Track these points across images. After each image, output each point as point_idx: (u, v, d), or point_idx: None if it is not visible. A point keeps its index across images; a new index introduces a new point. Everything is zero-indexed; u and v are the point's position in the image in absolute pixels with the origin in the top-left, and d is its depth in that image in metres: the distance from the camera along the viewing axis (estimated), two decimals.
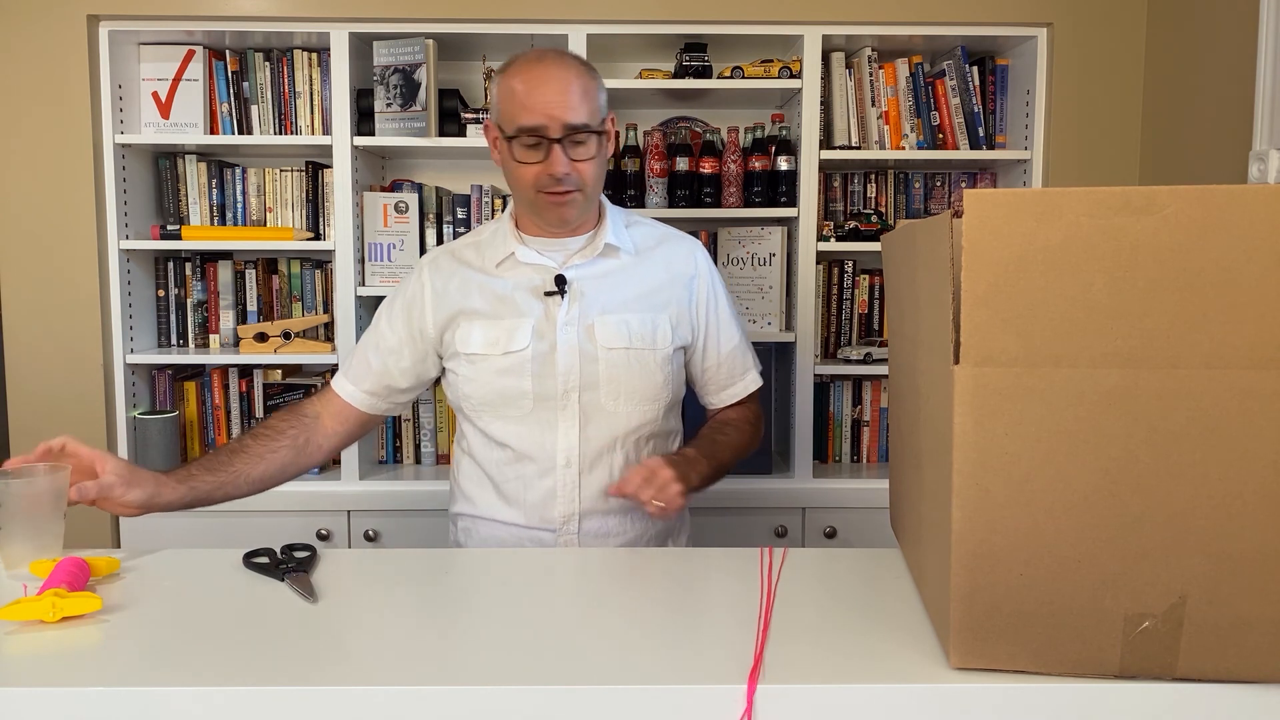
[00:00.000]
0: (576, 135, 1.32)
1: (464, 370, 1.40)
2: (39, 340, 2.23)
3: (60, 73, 2.18)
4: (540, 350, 1.38)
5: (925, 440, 0.94)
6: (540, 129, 1.31)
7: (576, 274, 1.41)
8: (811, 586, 1.07)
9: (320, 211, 2.40)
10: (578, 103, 1.32)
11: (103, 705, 0.82)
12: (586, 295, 1.40)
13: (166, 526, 2.26)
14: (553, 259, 1.41)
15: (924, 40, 2.33)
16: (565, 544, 1.39)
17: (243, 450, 1.39)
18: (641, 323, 1.41)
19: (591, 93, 1.35)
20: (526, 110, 1.31)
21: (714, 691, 0.83)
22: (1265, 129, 1.77)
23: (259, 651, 0.90)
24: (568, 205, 1.36)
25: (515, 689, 0.83)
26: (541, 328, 1.38)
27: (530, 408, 1.38)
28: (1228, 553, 0.80)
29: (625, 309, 1.41)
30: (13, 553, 1.11)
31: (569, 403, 1.38)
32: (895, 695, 0.83)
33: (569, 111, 1.31)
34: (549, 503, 1.38)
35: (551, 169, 1.32)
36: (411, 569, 1.15)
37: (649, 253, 1.46)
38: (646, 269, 1.45)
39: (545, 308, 1.39)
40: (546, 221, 1.40)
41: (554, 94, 1.31)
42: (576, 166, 1.34)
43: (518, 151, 1.34)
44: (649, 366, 1.40)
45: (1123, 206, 0.77)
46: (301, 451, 1.41)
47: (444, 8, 2.19)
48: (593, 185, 1.38)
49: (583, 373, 1.38)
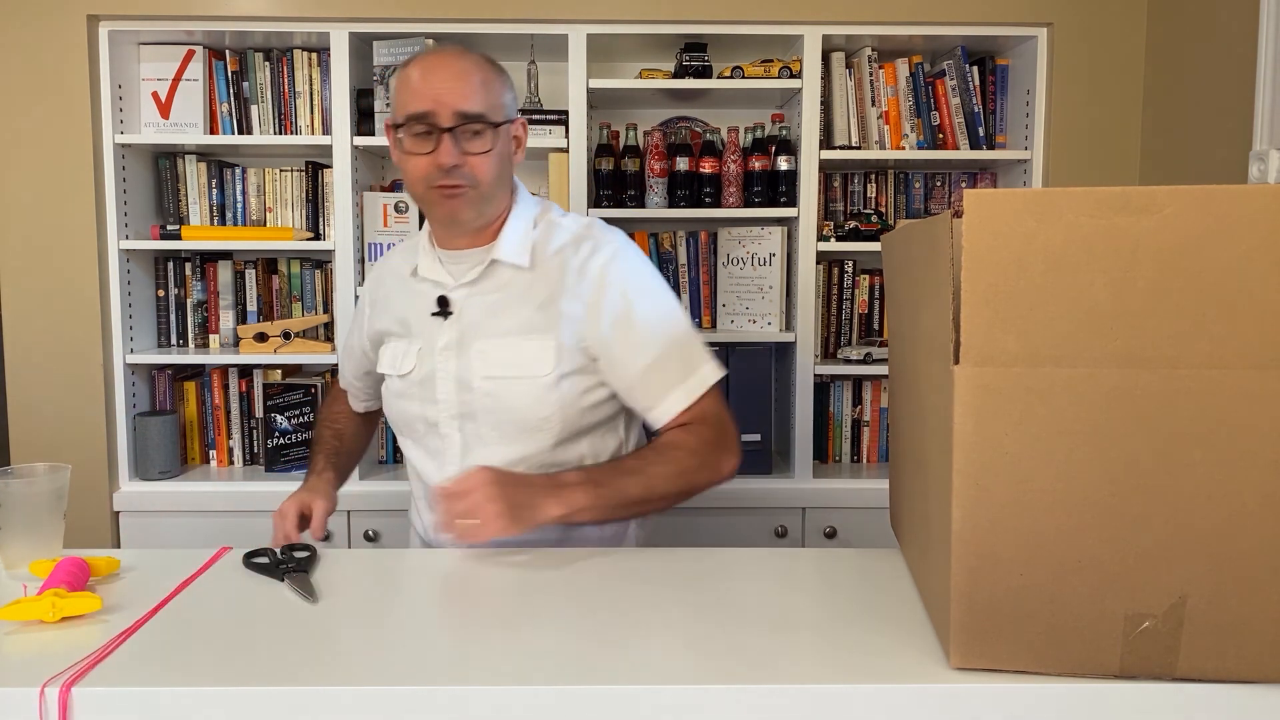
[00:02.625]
0: (470, 125, 1.23)
1: (384, 390, 1.43)
2: (39, 340, 2.23)
3: (60, 73, 2.18)
4: (424, 374, 1.32)
5: (926, 440, 0.94)
6: (429, 115, 1.22)
7: (463, 294, 1.31)
8: (811, 586, 1.07)
9: (320, 211, 2.40)
10: (473, 92, 1.23)
11: (103, 705, 0.82)
12: (466, 318, 1.30)
13: (167, 526, 2.26)
14: (452, 273, 1.33)
15: (924, 40, 2.33)
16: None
17: (336, 437, 1.60)
18: (521, 349, 1.28)
19: (493, 86, 1.26)
20: (417, 97, 1.23)
21: (713, 691, 0.83)
22: (1265, 129, 1.77)
23: (259, 651, 0.90)
24: (458, 199, 1.25)
25: (515, 689, 0.83)
26: (425, 351, 1.33)
27: (424, 432, 1.35)
28: (1228, 553, 0.80)
29: (507, 333, 1.29)
30: (13, 553, 1.11)
31: (450, 431, 1.32)
32: (895, 695, 0.83)
33: (462, 99, 1.22)
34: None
35: (440, 159, 1.22)
36: (411, 569, 1.15)
37: (545, 263, 1.31)
38: (539, 283, 1.30)
39: (431, 329, 1.32)
40: (436, 220, 1.30)
41: (447, 80, 1.23)
42: (469, 160, 1.23)
43: (407, 142, 1.24)
44: (531, 395, 1.27)
45: (1123, 207, 0.77)
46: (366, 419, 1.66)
47: (444, 8, 2.19)
48: (489, 184, 1.26)
49: (459, 401, 1.30)
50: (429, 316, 1.33)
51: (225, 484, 2.30)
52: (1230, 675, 0.82)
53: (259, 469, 2.41)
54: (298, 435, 2.35)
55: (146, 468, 2.30)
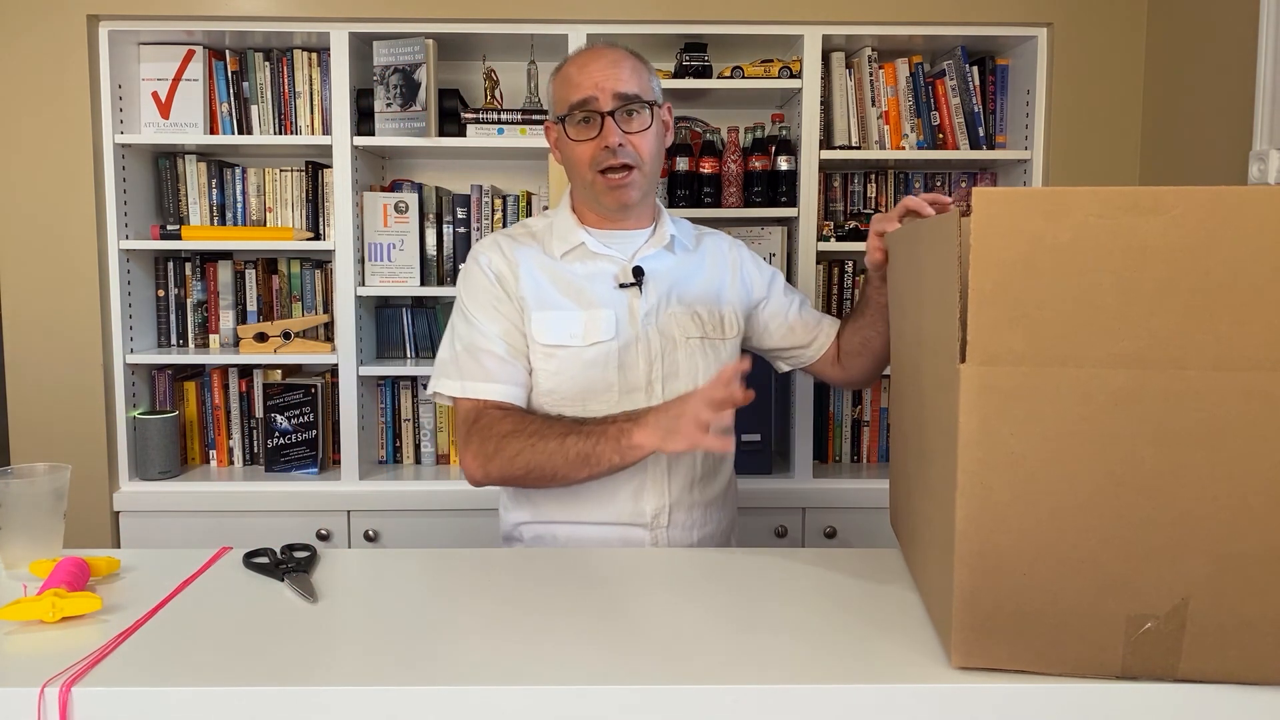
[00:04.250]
0: (628, 106, 1.35)
1: (546, 365, 1.38)
2: (39, 340, 2.23)
3: (60, 73, 2.18)
4: (624, 341, 1.38)
5: (929, 439, 0.94)
6: (590, 101, 1.34)
7: (648, 266, 1.42)
8: (811, 586, 1.07)
9: (320, 211, 2.40)
10: (628, 76, 1.36)
11: (103, 705, 0.82)
12: (660, 286, 1.42)
13: (167, 526, 2.26)
14: (619, 251, 1.43)
15: (924, 40, 2.33)
16: (657, 540, 1.38)
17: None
18: (710, 313, 1.45)
19: (642, 73, 1.39)
20: (577, 87, 1.35)
21: (714, 691, 0.83)
22: (1265, 129, 1.77)
23: (259, 651, 0.90)
24: (628, 188, 1.37)
25: (515, 689, 0.83)
26: (623, 318, 1.39)
27: (616, 400, 1.38)
28: (1231, 554, 0.79)
29: (695, 300, 1.44)
30: (13, 553, 1.11)
31: (653, 393, 1.38)
32: (895, 695, 0.83)
33: (619, 83, 1.34)
34: (639, 496, 1.37)
35: (606, 140, 1.34)
36: (411, 569, 1.15)
37: (698, 247, 1.51)
38: (700, 262, 1.49)
39: (624, 299, 1.40)
40: (606, 207, 1.41)
41: (603, 68, 1.35)
42: (630, 139, 1.35)
43: (572, 131, 1.37)
44: (722, 355, 1.44)
45: (1131, 207, 0.77)
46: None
47: (444, 8, 2.19)
48: (650, 163, 1.39)
49: (665, 362, 1.40)
50: (616, 289, 1.41)
51: (225, 484, 2.30)
52: (1232, 676, 0.82)
53: (259, 469, 2.41)
54: (298, 435, 2.35)
55: (146, 468, 2.30)
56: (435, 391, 1.41)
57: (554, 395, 1.39)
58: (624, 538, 1.38)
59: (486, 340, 1.38)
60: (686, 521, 1.40)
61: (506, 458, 1.30)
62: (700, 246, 1.52)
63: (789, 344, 1.56)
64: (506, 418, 1.34)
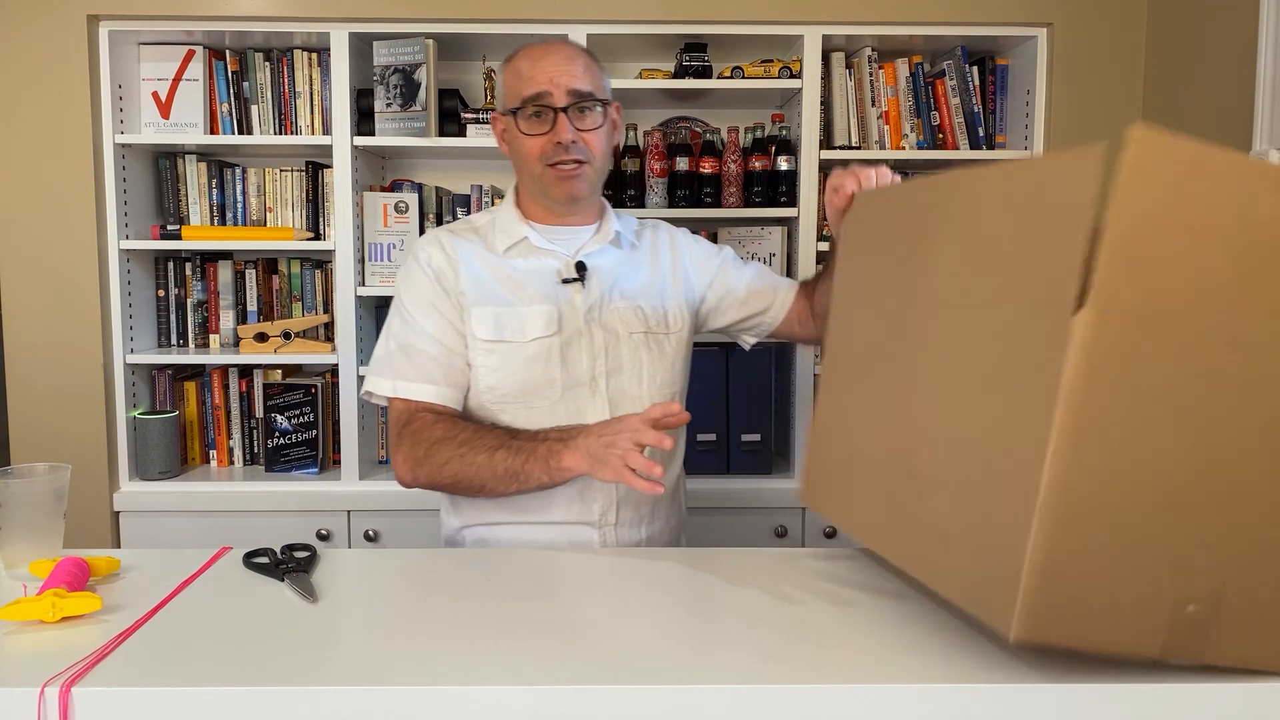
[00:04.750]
0: (581, 103, 1.34)
1: (486, 360, 1.36)
2: (39, 340, 2.23)
3: (60, 73, 2.18)
4: (567, 336, 1.37)
5: (982, 402, 0.87)
6: (544, 95, 1.33)
7: (591, 262, 1.41)
8: (811, 586, 1.07)
9: (320, 211, 2.40)
10: (582, 72, 1.35)
11: (103, 705, 0.82)
12: (603, 282, 1.41)
13: (167, 526, 2.26)
14: (563, 247, 1.42)
15: (924, 40, 2.33)
16: (605, 538, 1.37)
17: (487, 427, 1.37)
18: (654, 308, 1.43)
19: (595, 70, 1.38)
20: (530, 81, 1.34)
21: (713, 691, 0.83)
22: (1265, 129, 1.77)
23: (259, 651, 0.90)
24: (577, 180, 1.36)
25: (516, 689, 0.83)
26: (565, 314, 1.38)
27: (559, 395, 1.36)
28: (1270, 543, 0.79)
29: (638, 296, 1.43)
30: (13, 553, 1.11)
31: (597, 389, 1.37)
32: (895, 695, 0.83)
33: (573, 79, 1.34)
34: (587, 495, 1.36)
35: (558, 136, 1.33)
36: (411, 569, 1.15)
37: (641, 243, 1.50)
38: (644, 258, 1.48)
39: (566, 294, 1.39)
40: (554, 199, 1.39)
41: (558, 63, 1.34)
42: (583, 136, 1.35)
43: (523, 124, 1.35)
44: (666, 351, 1.43)
45: (1266, 180, 0.74)
46: None
47: (444, 8, 2.19)
48: (600, 159, 1.39)
49: (609, 357, 1.38)
50: (558, 284, 1.39)
51: (225, 484, 2.30)
52: (1252, 663, 0.82)
53: (259, 469, 2.41)
54: (298, 435, 2.35)
55: (146, 468, 2.30)
56: (368, 391, 1.39)
57: (495, 391, 1.36)
58: (571, 537, 1.37)
59: (421, 339, 1.36)
60: (634, 518, 1.39)
61: (435, 465, 1.28)
62: (643, 241, 1.51)
63: (747, 313, 1.53)
64: (438, 423, 1.31)
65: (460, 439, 1.29)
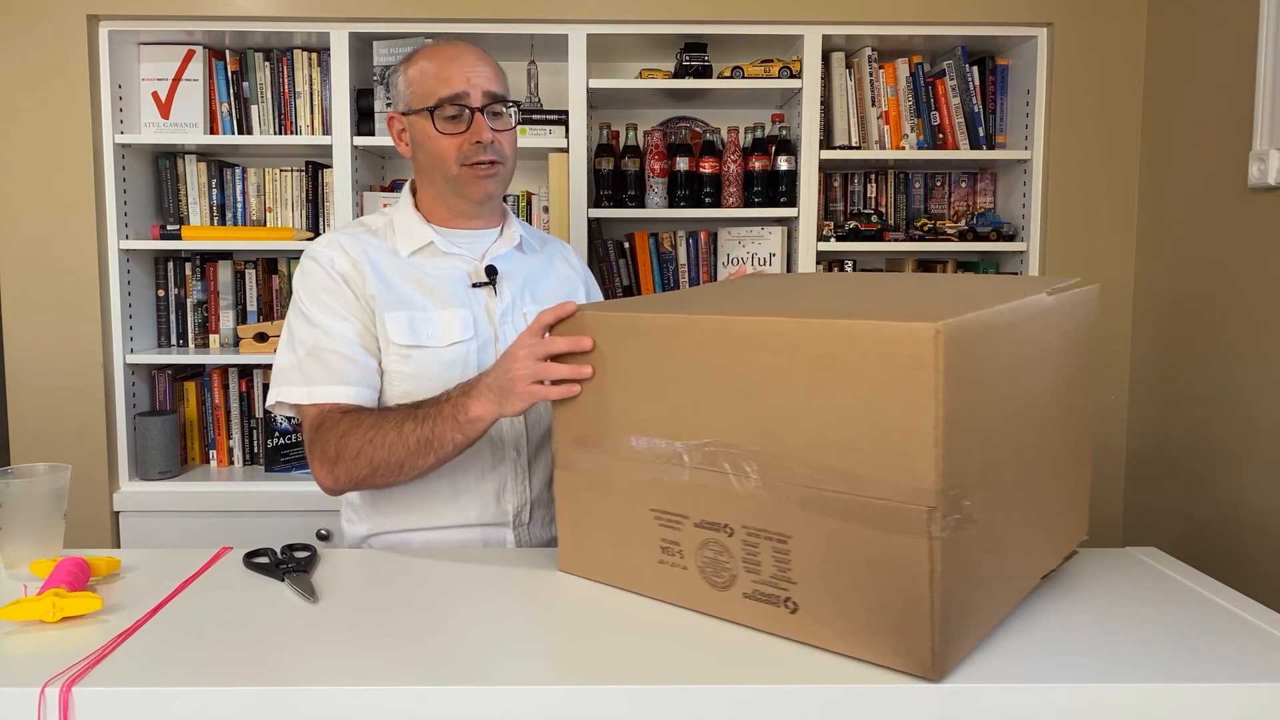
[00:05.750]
0: (495, 105, 1.35)
1: (401, 366, 1.32)
2: (39, 340, 2.23)
3: (60, 73, 2.18)
4: (482, 340, 1.36)
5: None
6: (462, 96, 1.32)
7: (500, 266, 1.41)
8: None
9: (320, 211, 2.40)
10: (495, 75, 1.37)
11: (103, 705, 0.82)
12: (514, 286, 1.41)
13: (167, 526, 2.26)
14: (469, 250, 1.41)
15: (924, 40, 2.33)
16: (519, 538, 1.37)
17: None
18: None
19: (503, 75, 1.39)
20: (446, 81, 1.33)
21: (713, 691, 0.83)
22: (1265, 129, 1.77)
23: (259, 651, 0.90)
24: (493, 179, 1.36)
25: (516, 689, 0.83)
26: (479, 318, 1.37)
27: None
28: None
29: (548, 299, 1.42)
30: (13, 553, 1.11)
31: None
32: (895, 695, 0.83)
33: (489, 81, 1.35)
34: (501, 496, 1.36)
35: (477, 135, 1.33)
36: (411, 569, 1.15)
37: (543, 249, 1.52)
38: (549, 263, 1.51)
39: (479, 298, 1.38)
40: (469, 199, 1.37)
41: (472, 64, 1.35)
42: (498, 137, 1.35)
43: (440, 124, 1.33)
44: None
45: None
46: None
47: (444, 8, 2.19)
48: (511, 161, 1.40)
49: None
50: (469, 288, 1.38)
51: (225, 484, 2.30)
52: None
53: (259, 469, 2.41)
54: (297, 435, 2.35)
55: (146, 468, 2.30)
56: (277, 402, 1.32)
57: (411, 397, 1.29)
58: (485, 539, 1.36)
59: (332, 341, 1.30)
60: (545, 517, 1.40)
61: (349, 459, 1.23)
62: (546, 248, 1.53)
63: None
64: (344, 418, 1.26)
65: (366, 424, 1.23)
